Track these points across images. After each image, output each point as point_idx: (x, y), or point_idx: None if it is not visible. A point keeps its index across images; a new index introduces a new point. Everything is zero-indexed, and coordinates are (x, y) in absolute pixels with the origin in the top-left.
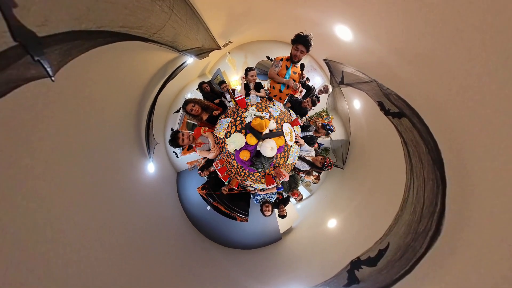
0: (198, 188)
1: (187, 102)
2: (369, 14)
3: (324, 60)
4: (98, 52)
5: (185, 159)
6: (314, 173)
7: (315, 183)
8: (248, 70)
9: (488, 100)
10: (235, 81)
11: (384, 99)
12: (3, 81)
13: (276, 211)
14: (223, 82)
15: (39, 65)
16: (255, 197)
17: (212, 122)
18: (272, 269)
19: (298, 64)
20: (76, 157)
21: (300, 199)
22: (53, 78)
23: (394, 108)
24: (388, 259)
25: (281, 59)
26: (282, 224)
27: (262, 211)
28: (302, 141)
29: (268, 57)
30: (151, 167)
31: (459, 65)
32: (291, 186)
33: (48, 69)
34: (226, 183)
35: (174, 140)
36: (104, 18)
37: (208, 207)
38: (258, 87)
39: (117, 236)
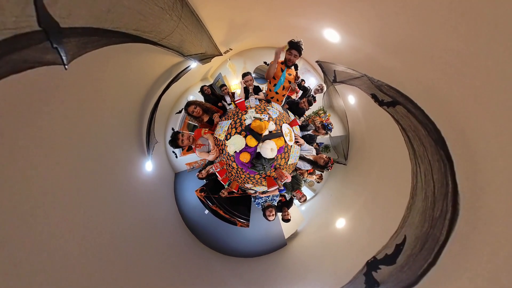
0: (196, 191)
1: (189, 103)
2: (352, 16)
3: (317, 61)
4: (111, 50)
5: (184, 160)
6: (317, 172)
7: (318, 182)
8: (244, 75)
9: (475, 72)
10: (235, 85)
11: (376, 91)
12: (20, 59)
13: (280, 214)
14: (223, 85)
15: (56, 52)
16: (257, 201)
17: (212, 124)
18: (277, 279)
19: (292, 67)
20: (75, 146)
21: (304, 200)
22: (66, 67)
23: (387, 98)
24: (408, 253)
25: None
26: (287, 229)
27: (265, 215)
28: (301, 141)
29: (265, 62)
30: (149, 165)
31: (440, 45)
32: (294, 186)
33: (64, 57)
34: (225, 186)
35: (174, 141)
36: (120, 20)
37: (206, 211)
38: (257, 90)
39: (105, 238)
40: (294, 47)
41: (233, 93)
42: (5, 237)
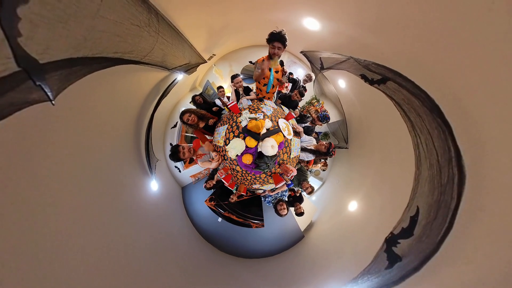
0: (205, 201)
1: (183, 112)
2: (328, 1)
3: (301, 52)
4: (95, 77)
5: (188, 172)
6: (321, 160)
7: (324, 170)
8: (233, 77)
9: (456, 36)
10: (225, 88)
11: (365, 71)
12: (6, 104)
13: (292, 209)
14: (220, 86)
15: (40, 90)
16: (267, 199)
17: (209, 130)
18: (302, 273)
19: (278, 64)
20: (77, 181)
21: (311, 191)
22: (53, 102)
23: (377, 76)
24: (423, 223)
25: (263, 60)
26: (301, 221)
27: (277, 211)
28: (300, 128)
29: (250, 62)
30: (154, 185)
31: (417, 16)
32: (300, 179)
33: (49, 93)
34: (233, 191)
35: (175, 154)
36: (99, 45)
37: (220, 219)
38: (247, 91)
39: (125, 259)
40: (277, 38)
41: (228, 97)
42: (22, 276)
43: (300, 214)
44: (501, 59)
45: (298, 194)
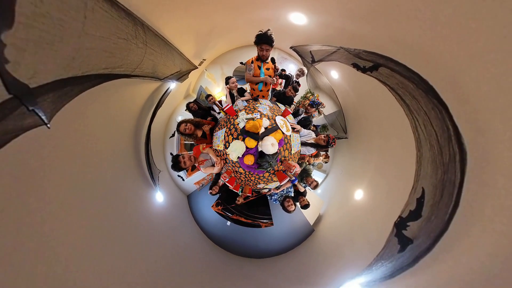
0: (212, 206)
1: (179, 123)
2: None
3: (291, 48)
4: (88, 95)
5: (192, 180)
6: (322, 153)
7: (326, 162)
8: (228, 79)
9: (445, 11)
10: (219, 93)
11: (356, 60)
12: (1, 132)
13: (298, 204)
14: (209, 95)
15: (34, 114)
16: (273, 197)
17: (207, 137)
18: (316, 266)
19: (269, 60)
20: (81, 204)
21: (316, 186)
22: (48, 125)
23: (368, 63)
24: (430, 203)
25: (252, 61)
26: (310, 215)
27: (285, 208)
28: (298, 127)
29: (241, 63)
30: (159, 197)
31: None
32: (302, 175)
33: (43, 117)
34: (239, 193)
35: (176, 164)
36: (88, 63)
37: (228, 223)
38: (242, 92)
39: (141, 275)
40: (264, 40)
41: (220, 101)
42: None
43: (306, 206)
44: (491, 34)
45: (302, 191)
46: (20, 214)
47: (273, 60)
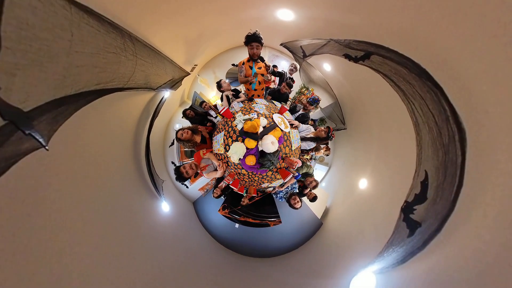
0: (219, 210)
1: (177, 132)
2: None
3: (281, 44)
4: (83, 113)
5: (196, 186)
6: (322, 146)
7: (327, 155)
8: (218, 83)
9: None
10: (213, 96)
11: (347, 50)
12: (1, 160)
13: (304, 199)
14: (202, 102)
15: (31, 138)
16: (278, 195)
17: (207, 142)
18: (328, 259)
19: (259, 60)
20: (87, 223)
21: (316, 186)
22: (47, 148)
23: (359, 52)
24: (434, 185)
25: (243, 63)
26: (317, 209)
27: (291, 205)
28: (296, 122)
29: (233, 64)
30: (165, 206)
31: None
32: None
33: (41, 140)
34: (244, 194)
35: (180, 176)
36: (79, 81)
37: (237, 225)
38: (236, 93)
39: (155, 285)
40: (252, 39)
41: (215, 105)
42: None
43: (314, 199)
44: (478, 13)
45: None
46: (28, 241)
47: (261, 59)
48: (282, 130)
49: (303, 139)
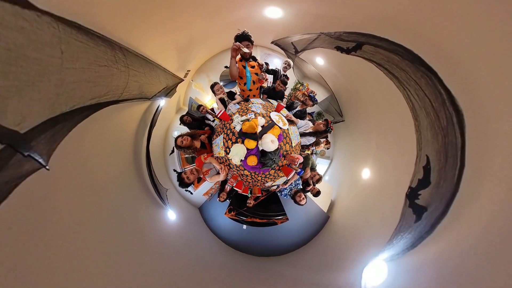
0: (225, 213)
1: (176, 139)
2: None
3: (272, 42)
4: (80, 129)
5: (200, 192)
6: (322, 140)
7: (328, 148)
8: (212, 87)
9: None
10: (209, 100)
11: (338, 42)
12: (2, 183)
13: (309, 194)
14: (199, 105)
15: (31, 159)
16: (283, 193)
17: (206, 147)
18: (338, 251)
19: (251, 59)
20: (94, 241)
21: (319, 179)
22: (47, 167)
23: (351, 43)
24: (437, 169)
25: (236, 62)
26: (322, 203)
27: (296, 202)
28: (293, 118)
29: (226, 66)
30: (171, 215)
31: None
32: (304, 166)
33: (40, 160)
34: (249, 195)
35: (182, 182)
36: (73, 97)
37: (245, 226)
38: (232, 95)
39: None
40: (242, 38)
41: (212, 109)
42: None
43: (317, 193)
44: None
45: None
46: (36, 262)
47: (253, 58)
48: (280, 128)
49: (303, 134)
